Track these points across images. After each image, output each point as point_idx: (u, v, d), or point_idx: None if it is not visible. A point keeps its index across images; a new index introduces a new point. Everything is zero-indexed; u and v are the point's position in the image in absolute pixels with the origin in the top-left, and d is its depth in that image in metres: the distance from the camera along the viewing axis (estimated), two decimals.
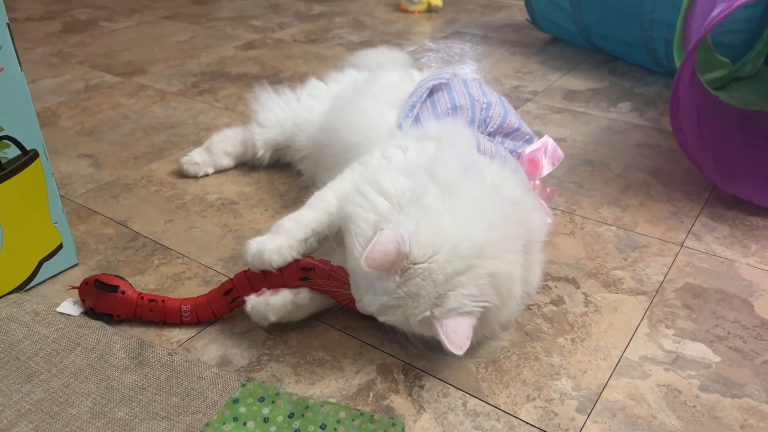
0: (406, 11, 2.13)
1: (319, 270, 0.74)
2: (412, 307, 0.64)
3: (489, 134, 0.88)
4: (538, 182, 0.91)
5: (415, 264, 0.63)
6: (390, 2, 2.25)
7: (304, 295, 0.75)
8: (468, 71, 1.50)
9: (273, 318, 0.74)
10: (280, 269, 0.75)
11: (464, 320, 0.64)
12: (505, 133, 0.89)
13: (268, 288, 0.75)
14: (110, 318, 0.77)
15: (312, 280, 0.74)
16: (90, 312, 0.78)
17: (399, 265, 0.63)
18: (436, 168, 0.71)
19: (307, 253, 0.76)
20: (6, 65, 0.73)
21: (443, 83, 0.92)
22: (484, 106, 0.89)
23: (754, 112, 1.27)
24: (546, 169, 0.89)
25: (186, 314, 0.77)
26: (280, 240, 0.74)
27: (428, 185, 0.68)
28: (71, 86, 1.52)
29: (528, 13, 1.79)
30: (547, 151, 0.89)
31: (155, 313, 0.77)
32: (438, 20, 2.05)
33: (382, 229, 0.64)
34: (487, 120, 0.88)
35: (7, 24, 0.72)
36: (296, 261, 0.75)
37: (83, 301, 0.78)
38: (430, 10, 2.13)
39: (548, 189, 0.94)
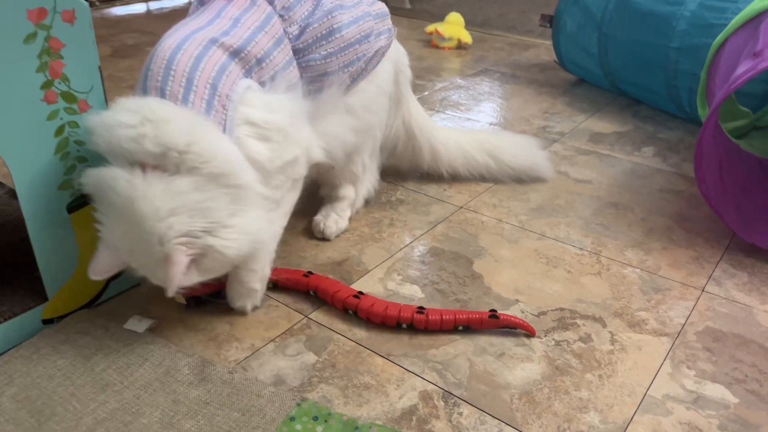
0: (437, 47, 2.21)
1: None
2: None
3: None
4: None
5: None
6: (422, 38, 2.34)
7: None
8: None
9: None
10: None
11: None
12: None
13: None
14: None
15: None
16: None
17: None
18: None
19: None
20: (95, 104, 0.81)
21: None
22: None
23: None
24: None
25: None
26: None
27: None
28: None
29: (556, 55, 1.87)
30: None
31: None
32: (467, 57, 2.13)
33: None
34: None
35: (98, 67, 0.81)
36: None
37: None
38: (460, 46, 2.21)
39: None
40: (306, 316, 0.91)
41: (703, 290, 0.98)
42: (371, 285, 0.97)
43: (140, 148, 0.73)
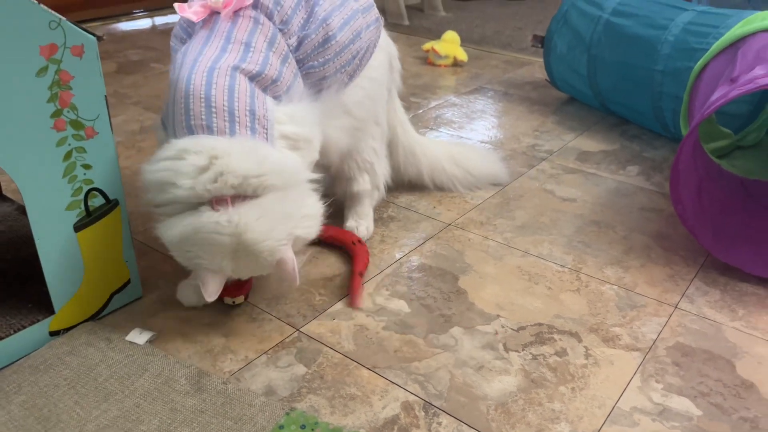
0: (433, 65, 2.27)
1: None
2: None
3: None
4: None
5: None
6: (418, 55, 2.41)
7: None
8: None
9: None
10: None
11: None
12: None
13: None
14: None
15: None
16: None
17: None
18: None
19: None
20: (101, 131, 0.87)
21: None
22: None
23: (754, 180, 1.38)
24: None
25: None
26: None
27: None
28: (127, 127, 1.67)
29: (547, 74, 1.92)
30: None
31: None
32: (463, 75, 2.19)
33: None
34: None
35: (105, 96, 0.86)
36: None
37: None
38: (456, 64, 2.27)
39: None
40: (297, 330, 0.96)
41: (676, 307, 1.03)
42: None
43: (223, 186, 0.82)
